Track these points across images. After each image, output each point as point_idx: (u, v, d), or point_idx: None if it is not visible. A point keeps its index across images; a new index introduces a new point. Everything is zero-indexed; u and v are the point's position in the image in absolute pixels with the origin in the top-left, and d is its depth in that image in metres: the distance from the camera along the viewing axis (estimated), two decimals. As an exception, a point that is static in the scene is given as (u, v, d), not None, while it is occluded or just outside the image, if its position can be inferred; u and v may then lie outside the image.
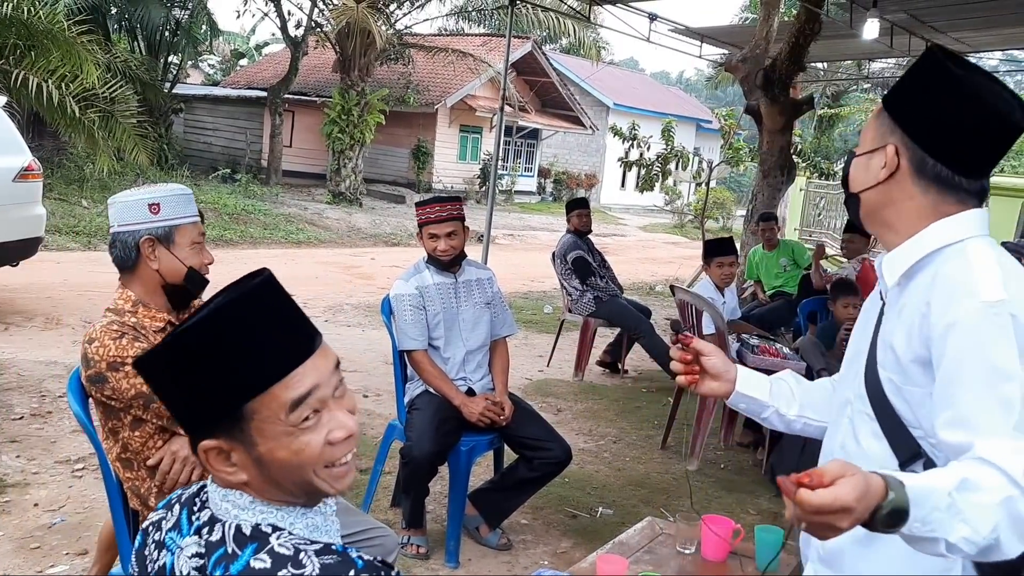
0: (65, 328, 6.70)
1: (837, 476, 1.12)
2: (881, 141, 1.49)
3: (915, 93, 1.48)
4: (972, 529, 1.19)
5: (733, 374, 1.71)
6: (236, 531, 1.08)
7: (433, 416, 3.40)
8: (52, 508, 3.61)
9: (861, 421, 1.55)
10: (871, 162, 1.51)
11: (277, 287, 1.11)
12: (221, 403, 1.06)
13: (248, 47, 33.09)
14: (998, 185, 12.58)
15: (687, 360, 1.68)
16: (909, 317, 1.43)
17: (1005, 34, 9.78)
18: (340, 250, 13.89)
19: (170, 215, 2.27)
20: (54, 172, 14.22)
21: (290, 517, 1.12)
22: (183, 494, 1.18)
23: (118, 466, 2.22)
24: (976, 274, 1.37)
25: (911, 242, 1.47)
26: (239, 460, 1.08)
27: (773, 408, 1.73)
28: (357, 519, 2.51)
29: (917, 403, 1.44)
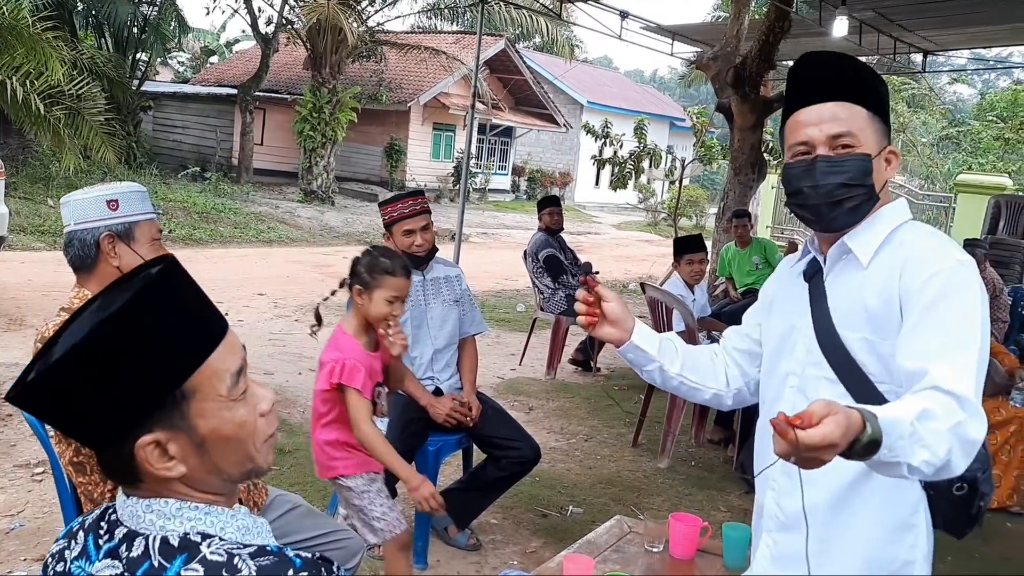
0: (28, 329, 6.58)
1: (824, 415, 1.22)
2: (882, 143, 1.65)
3: (883, 96, 1.68)
4: (931, 453, 1.33)
5: (630, 324, 1.79)
6: (162, 543, 1.01)
7: (399, 416, 3.36)
8: (10, 513, 3.54)
9: (818, 387, 1.67)
10: (881, 163, 1.65)
11: (182, 268, 1.07)
12: (158, 388, 1.02)
13: (218, 44, 32.77)
14: (965, 183, 12.76)
15: (589, 302, 1.76)
16: (882, 280, 1.59)
17: (971, 33, 9.89)
18: (312, 249, 13.77)
19: (129, 211, 2.23)
20: (19, 170, 13.99)
21: (220, 521, 1.06)
22: (85, 520, 1.11)
23: (71, 470, 2.16)
24: (942, 241, 1.61)
25: (869, 224, 1.65)
26: (178, 450, 1.03)
27: (658, 363, 1.83)
28: (320, 522, 2.48)
29: (892, 355, 1.57)
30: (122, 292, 1.01)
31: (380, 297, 2.75)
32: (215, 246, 12.68)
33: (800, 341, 1.71)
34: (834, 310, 1.65)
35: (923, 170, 21.39)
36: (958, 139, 22.50)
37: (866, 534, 1.63)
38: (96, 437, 1.04)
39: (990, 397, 4.65)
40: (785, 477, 1.70)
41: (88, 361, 0.98)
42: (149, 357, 1.00)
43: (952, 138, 23.00)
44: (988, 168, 18.79)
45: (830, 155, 1.62)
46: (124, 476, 1.06)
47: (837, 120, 1.61)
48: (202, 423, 1.05)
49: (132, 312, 0.99)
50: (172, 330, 1.02)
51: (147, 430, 1.02)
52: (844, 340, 1.63)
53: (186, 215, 14.13)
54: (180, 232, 12.74)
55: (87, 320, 1.00)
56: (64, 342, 0.99)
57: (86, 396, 0.99)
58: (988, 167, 19.04)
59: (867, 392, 1.59)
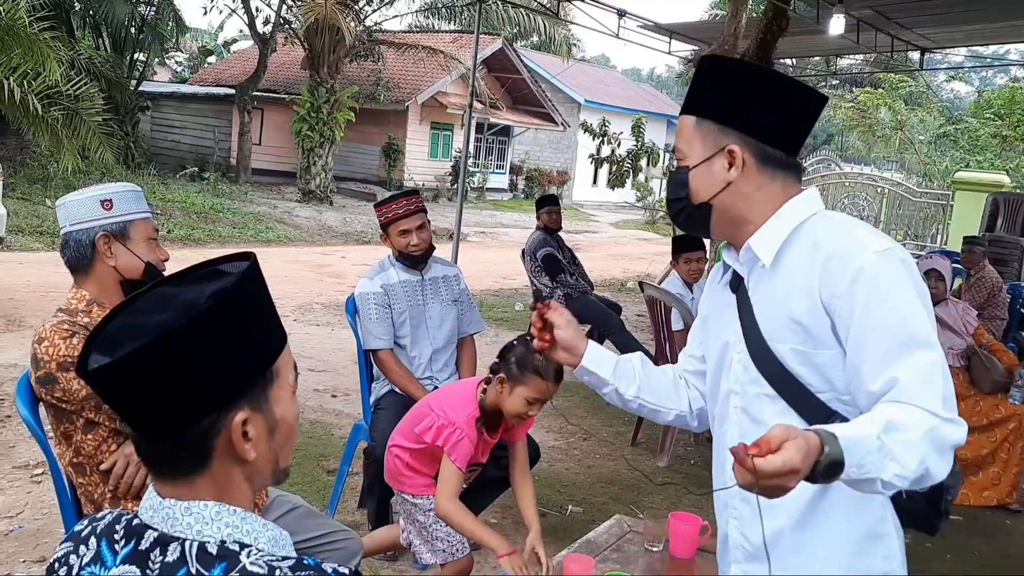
0: (27, 330, 6.57)
1: (783, 440, 1.20)
2: (715, 146, 1.59)
3: (735, 95, 1.59)
4: (901, 466, 1.31)
5: (582, 348, 1.80)
6: (200, 550, 1.01)
7: (398, 416, 3.34)
8: (9, 515, 3.53)
9: (760, 405, 1.61)
10: (712, 168, 1.60)
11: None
12: (260, 362, 1.08)
13: (216, 44, 32.77)
14: (963, 180, 12.76)
15: (539, 327, 1.78)
16: (803, 285, 1.52)
17: (968, 30, 9.89)
18: (310, 249, 13.77)
19: (123, 210, 2.23)
20: (17, 171, 13.98)
21: (254, 530, 1.06)
22: (96, 524, 1.10)
23: (71, 471, 2.17)
24: (855, 232, 1.52)
25: (772, 223, 1.58)
26: (256, 432, 1.06)
27: (613, 386, 1.83)
28: (320, 523, 2.47)
29: (828, 364, 1.51)
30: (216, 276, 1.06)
31: (521, 395, 2.59)
32: (214, 246, 12.66)
33: (735, 358, 1.65)
34: (761, 322, 1.58)
35: (920, 168, 21.40)
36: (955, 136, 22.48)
37: (836, 551, 1.57)
38: (186, 414, 1.03)
39: (989, 394, 4.65)
40: (745, 505, 1.65)
41: (211, 327, 1.01)
42: (258, 330, 1.07)
43: (949, 135, 22.98)
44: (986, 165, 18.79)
45: (671, 170, 1.72)
46: (190, 461, 1.04)
47: (676, 135, 1.69)
48: (277, 408, 1.09)
49: (246, 286, 1.05)
50: (268, 309, 1.10)
51: (239, 408, 1.04)
52: (776, 352, 1.56)
53: (184, 215, 14.12)
54: (179, 232, 12.73)
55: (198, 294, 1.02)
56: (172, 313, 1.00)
57: (203, 361, 1.01)
58: (986, 164, 19.03)
59: (808, 405, 1.53)
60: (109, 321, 1.05)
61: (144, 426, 1.04)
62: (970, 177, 12.86)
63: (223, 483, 1.06)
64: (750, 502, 1.57)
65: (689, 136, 1.62)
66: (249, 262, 1.09)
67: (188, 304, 1.01)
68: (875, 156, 26.16)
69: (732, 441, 1.63)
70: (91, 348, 1.02)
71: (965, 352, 4.73)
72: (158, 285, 1.08)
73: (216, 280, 1.06)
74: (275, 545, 1.08)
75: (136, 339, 0.99)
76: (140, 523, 1.06)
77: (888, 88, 22.78)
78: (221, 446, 1.04)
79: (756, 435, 1.55)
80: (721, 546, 1.78)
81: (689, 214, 1.64)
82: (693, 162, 1.61)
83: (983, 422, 4.60)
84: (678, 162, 1.65)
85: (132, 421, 1.05)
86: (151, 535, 1.04)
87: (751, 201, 1.59)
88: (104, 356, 1.00)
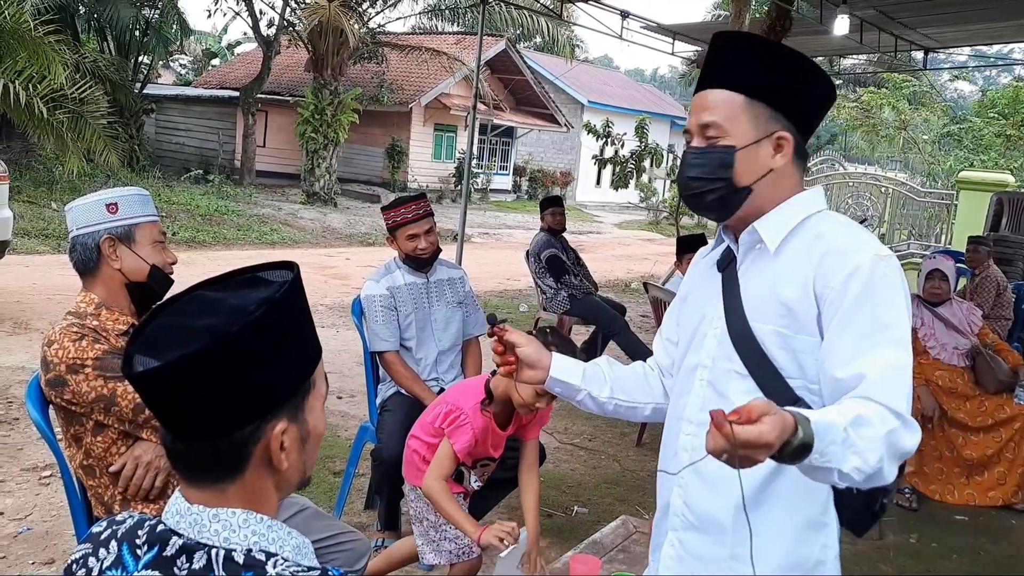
0: (33, 332, 6.59)
1: (763, 413, 1.19)
2: (765, 130, 1.57)
3: (786, 78, 1.57)
4: (863, 460, 1.31)
5: (547, 362, 1.79)
6: (226, 559, 1.01)
7: (404, 417, 3.37)
8: (18, 517, 3.55)
9: (728, 380, 1.62)
10: (759, 152, 1.57)
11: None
12: (302, 372, 1.09)
13: (220, 47, 32.80)
14: (967, 180, 12.74)
15: (500, 351, 1.77)
16: (800, 272, 1.54)
17: (972, 30, 9.88)
18: (315, 250, 13.79)
19: (129, 214, 2.24)
20: (23, 174, 14.02)
21: (279, 539, 1.07)
22: (116, 528, 1.10)
23: (81, 473, 2.18)
24: (858, 233, 1.55)
25: (783, 211, 1.59)
26: (290, 441, 1.07)
27: (585, 391, 1.82)
28: (328, 524, 2.48)
29: (805, 351, 1.53)
30: (256, 283, 1.08)
31: (528, 387, 2.49)
32: (219, 248, 12.70)
33: (710, 332, 1.66)
34: (746, 301, 1.60)
35: (925, 167, 21.37)
36: (959, 136, 22.45)
37: (779, 535, 1.58)
38: (230, 421, 1.03)
39: (994, 394, 4.65)
40: (695, 475, 1.65)
41: (261, 336, 1.02)
42: (301, 340, 1.08)
43: (953, 135, 22.95)
44: (990, 165, 18.76)
45: (697, 146, 1.60)
46: (226, 468, 1.05)
47: (708, 109, 1.58)
48: (310, 419, 1.11)
49: (291, 295, 1.06)
50: (309, 320, 1.11)
51: (279, 417, 1.06)
52: (756, 332, 1.57)
53: (189, 217, 14.15)
54: (184, 234, 12.76)
55: (245, 300, 1.04)
56: (220, 318, 1.01)
57: (252, 369, 1.02)
58: (990, 164, 19.00)
59: (778, 387, 1.54)
60: (149, 322, 1.05)
61: (184, 430, 1.04)
62: (974, 177, 12.84)
63: (254, 491, 1.07)
64: (702, 475, 1.62)
65: (736, 114, 1.56)
66: (293, 273, 1.09)
67: (236, 310, 1.02)
68: (879, 156, 26.12)
69: (691, 414, 1.68)
70: (133, 349, 1.03)
71: (970, 352, 4.73)
72: (197, 288, 1.09)
73: (258, 287, 1.07)
74: (299, 553, 1.09)
75: (185, 343, 0.99)
76: (165, 529, 1.06)
77: (892, 88, 22.77)
78: (258, 454, 1.05)
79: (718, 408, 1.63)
80: (660, 516, 1.78)
81: (723, 197, 1.59)
82: (741, 143, 1.56)
83: (988, 422, 4.60)
84: (711, 140, 1.58)
85: (172, 425, 1.05)
86: (176, 542, 1.04)
87: (779, 190, 1.59)
88: (150, 358, 1.00)
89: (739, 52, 1.59)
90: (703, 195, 1.60)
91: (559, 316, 6.58)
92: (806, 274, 1.52)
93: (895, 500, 4.51)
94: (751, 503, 1.56)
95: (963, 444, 4.61)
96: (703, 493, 1.64)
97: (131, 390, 2.08)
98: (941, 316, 4.76)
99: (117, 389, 2.08)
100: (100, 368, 2.08)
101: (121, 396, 2.08)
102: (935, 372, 4.70)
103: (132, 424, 2.12)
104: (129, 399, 2.08)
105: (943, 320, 4.76)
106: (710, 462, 1.54)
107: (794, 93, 1.58)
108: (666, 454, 1.75)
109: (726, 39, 1.62)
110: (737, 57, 1.58)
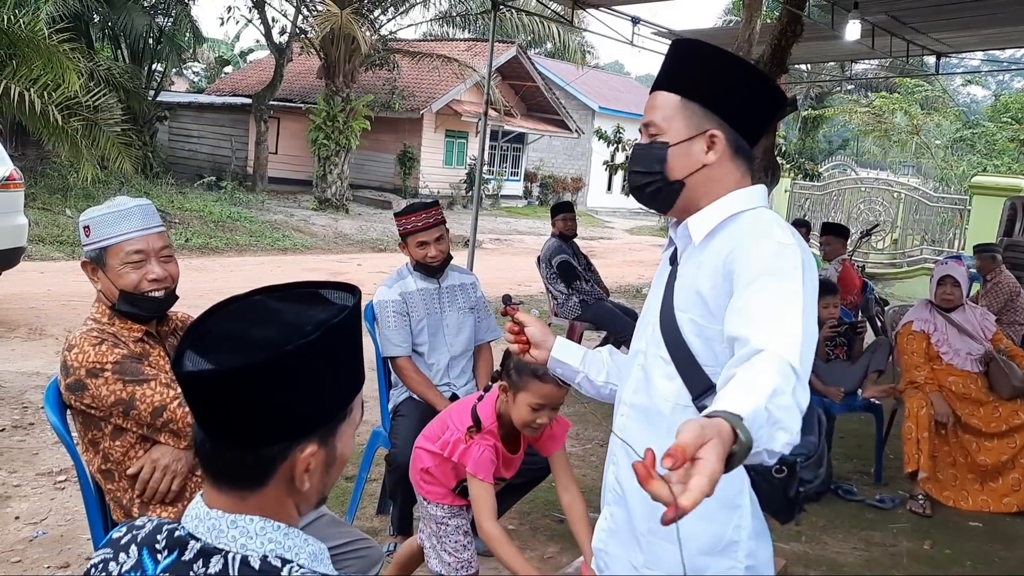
0: (48, 339, 6.65)
1: (698, 446, 1.06)
2: (697, 128, 1.65)
3: (719, 82, 1.66)
4: (788, 433, 1.26)
5: (551, 343, 1.90)
6: (242, 564, 1.02)
7: (417, 422, 3.38)
8: (33, 521, 3.57)
9: (655, 365, 1.71)
10: (691, 149, 1.66)
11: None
12: (343, 400, 1.10)
13: (232, 54, 33.03)
14: (980, 184, 12.69)
15: (515, 331, 1.88)
16: (713, 263, 1.61)
17: (984, 35, 9.85)
18: (326, 257, 13.84)
19: (99, 236, 2.17)
20: (37, 181, 14.12)
21: (295, 545, 1.08)
22: (137, 533, 1.12)
23: (99, 478, 2.20)
24: (770, 226, 1.61)
25: (715, 206, 1.67)
26: (315, 464, 1.08)
27: (583, 374, 1.92)
28: (344, 531, 2.50)
29: (717, 339, 1.58)
30: (315, 300, 1.09)
31: (524, 402, 2.47)
32: (231, 254, 12.76)
33: (650, 321, 1.76)
34: (676, 292, 1.69)
35: (937, 172, 21.27)
36: (972, 141, 22.36)
37: (693, 515, 1.51)
38: (263, 435, 1.04)
39: (1008, 400, 4.63)
40: (622, 453, 1.78)
41: (313, 358, 1.02)
42: (348, 369, 1.09)
43: (966, 140, 22.86)
44: (1003, 170, 18.67)
45: (640, 143, 1.73)
46: (249, 479, 1.06)
47: (651, 109, 1.70)
48: (339, 444, 1.11)
49: (349, 323, 1.07)
50: (359, 349, 1.11)
51: (310, 440, 1.06)
52: (678, 321, 1.66)
53: (202, 224, 14.22)
54: (196, 241, 12.83)
55: (303, 319, 1.04)
56: (276, 333, 1.02)
57: (297, 389, 1.03)
58: (1003, 169, 18.92)
59: (694, 373, 1.62)
60: (205, 319, 1.06)
61: (216, 434, 1.05)
62: (987, 182, 12.79)
63: (273, 505, 1.08)
64: (628, 452, 1.72)
65: (671, 114, 1.67)
66: (354, 298, 1.10)
67: (293, 328, 1.02)
68: (891, 161, 26.04)
69: (626, 396, 1.79)
70: (186, 345, 1.04)
71: (983, 358, 4.71)
72: (257, 293, 1.10)
73: (316, 305, 1.08)
74: (315, 560, 1.09)
75: (239, 350, 1.00)
76: (184, 533, 1.07)
77: (904, 92, 22.69)
78: (282, 472, 1.06)
79: (644, 392, 1.71)
80: (603, 489, 1.89)
81: (658, 189, 1.70)
82: (673, 140, 1.66)
83: (1002, 428, 4.57)
84: (652, 136, 1.69)
85: (206, 426, 1.06)
86: (195, 546, 1.05)
87: (715, 185, 1.67)
88: (201, 358, 1.01)
89: (683, 57, 1.70)
90: (643, 188, 1.72)
91: (570, 322, 6.58)
92: (718, 265, 1.59)
93: (909, 507, 4.49)
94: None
95: (977, 450, 4.59)
96: (629, 472, 1.71)
97: (149, 394, 2.10)
98: (954, 322, 4.74)
99: (136, 393, 2.10)
100: (119, 372, 2.10)
101: (140, 400, 2.10)
102: (948, 378, 4.68)
103: (150, 428, 2.14)
104: (147, 403, 2.10)
105: (956, 326, 4.74)
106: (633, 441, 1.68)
107: (728, 94, 1.65)
108: (611, 432, 1.87)
109: (676, 46, 1.73)
110: (680, 62, 1.70)
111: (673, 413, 1.65)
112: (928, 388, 4.63)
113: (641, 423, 1.74)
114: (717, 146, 1.65)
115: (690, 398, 1.63)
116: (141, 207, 2.22)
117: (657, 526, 1.48)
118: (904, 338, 4.83)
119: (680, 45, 1.72)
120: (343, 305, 1.08)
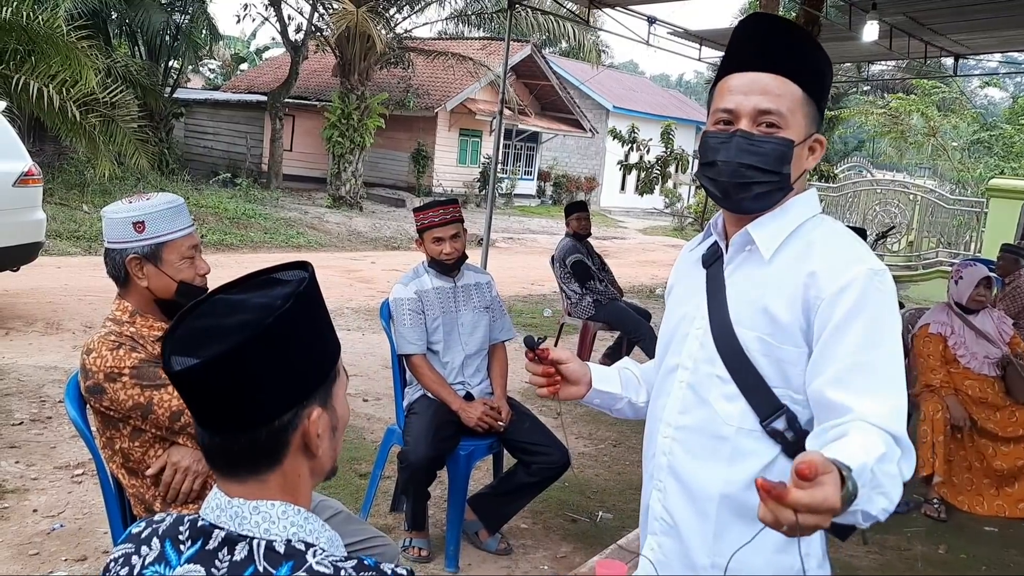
0: (65, 333, 6.70)
1: (823, 472, 1.04)
2: (809, 130, 1.51)
3: (827, 83, 1.52)
4: (888, 500, 1.23)
5: (589, 376, 1.73)
6: (267, 549, 1.04)
7: (431, 420, 3.40)
8: (51, 514, 3.61)
9: (709, 384, 1.55)
10: (803, 151, 1.51)
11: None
12: (331, 358, 1.15)
13: (248, 52, 33.15)
14: (998, 187, 12.59)
15: (549, 373, 1.67)
16: (789, 280, 1.47)
17: (1003, 36, 9.78)
18: (340, 254, 13.88)
19: (156, 232, 2.19)
20: (55, 177, 14.23)
21: (315, 530, 1.10)
22: (158, 527, 1.13)
23: (122, 473, 2.22)
24: (853, 243, 1.48)
25: (782, 213, 1.52)
26: (322, 428, 1.11)
27: (626, 398, 1.78)
28: (359, 528, 2.51)
29: (790, 361, 1.47)
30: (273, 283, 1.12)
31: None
32: (246, 251, 12.82)
33: (693, 333, 1.59)
34: (732, 304, 1.53)
35: (954, 175, 21.13)
36: (990, 143, 22.17)
37: (758, 550, 1.43)
38: (271, 409, 1.07)
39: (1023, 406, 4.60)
40: (672, 478, 1.61)
41: (294, 325, 1.07)
42: (325, 330, 1.13)
43: (984, 142, 22.67)
44: (1021, 172, 18.52)
45: (751, 132, 1.47)
46: (266, 457, 1.08)
47: (768, 95, 1.46)
48: (338, 406, 1.15)
49: (313, 289, 1.11)
50: (327, 313, 1.16)
51: (313, 404, 1.10)
52: (740, 338, 1.50)
53: (217, 221, 14.30)
54: (212, 238, 12.90)
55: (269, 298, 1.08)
56: (252, 315, 1.05)
57: (289, 357, 1.07)
58: (1021, 171, 18.76)
59: (761, 394, 1.48)
60: (177, 326, 1.09)
61: (225, 425, 1.07)
62: (1005, 184, 12.68)
63: (293, 479, 1.10)
64: (678, 477, 1.59)
65: (795, 107, 1.47)
66: (308, 270, 1.15)
67: (264, 307, 1.06)
68: (907, 163, 25.87)
69: (669, 416, 1.62)
70: (168, 352, 1.06)
71: (1001, 361, 4.68)
72: (216, 293, 1.13)
73: (275, 286, 1.11)
74: (332, 545, 1.12)
75: (222, 339, 1.03)
76: (206, 523, 1.09)
77: (921, 94, 22.54)
78: (296, 442, 1.09)
79: (698, 413, 1.56)
80: (643, 516, 1.74)
81: (771, 192, 1.49)
82: (798, 138, 1.48)
83: (1019, 432, 4.54)
84: (771, 129, 1.47)
85: (212, 421, 1.08)
86: (219, 535, 1.07)
87: (796, 188, 1.54)
88: (188, 358, 1.04)
89: (797, 44, 1.49)
90: (751, 185, 1.48)
91: (584, 321, 6.58)
92: (796, 284, 1.45)
93: (924, 511, 4.47)
94: (729, 519, 1.53)
95: (993, 455, 4.56)
96: (681, 500, 1.60)
97: (167, 399, 2.11)
98: (972, 325, 4.71)
99: (154, 397, 2.11)
100: (137, 377, 2.11)
101: (158, 404, 2.11)
102: (965, 381, 4.65)
103: (168, 431, 2.15)
104: (165, 407, 2.12)
105: (974, 329, 4.71)
106: (687, 467, 1.56)
107: (824, 96, 1.53)
108: (647, 454, 1.71)
109: (771, 21, 1.52)
110: (790, 46, 1.48)
111: (737, 436, 1.52)
112: (944, 391, 4.61)
113: (695, 446, 1.58)
114: (818, 152, 1.52)
115: (757, 421, 1.50)
116: (184, 204, 2.30)
117: (721, 560, 1.48)
118: (920, 340, 4.80)
119: (799, 30, 1.52)
120: (301, 277, 1.12)
